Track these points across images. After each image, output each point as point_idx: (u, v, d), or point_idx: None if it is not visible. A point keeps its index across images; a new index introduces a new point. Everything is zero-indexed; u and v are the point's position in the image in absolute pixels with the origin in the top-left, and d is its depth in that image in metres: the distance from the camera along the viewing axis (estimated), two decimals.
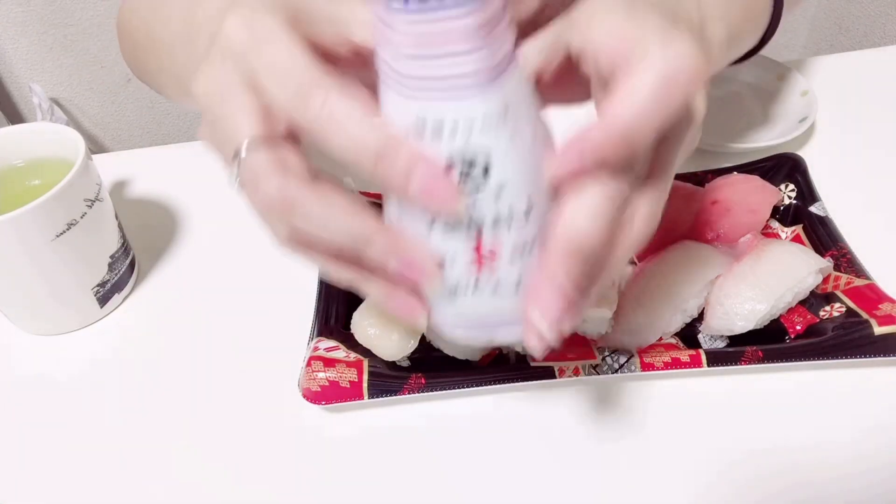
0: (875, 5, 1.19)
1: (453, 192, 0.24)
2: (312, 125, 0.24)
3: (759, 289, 0.40)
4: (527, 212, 0.25)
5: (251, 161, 0.25)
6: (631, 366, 0.38)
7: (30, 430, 0.41)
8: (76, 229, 0.42)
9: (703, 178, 0.49)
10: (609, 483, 0.36)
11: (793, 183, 0.48)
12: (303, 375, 0.39)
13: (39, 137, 0.46)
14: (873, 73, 0.61)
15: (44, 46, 1.20)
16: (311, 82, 0.24)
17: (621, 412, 0.39)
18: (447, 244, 0.26)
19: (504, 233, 0.25)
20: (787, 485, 0.35)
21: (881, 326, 0.38)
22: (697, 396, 0.39)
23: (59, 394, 0.43)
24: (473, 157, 0.24)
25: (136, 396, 0.43)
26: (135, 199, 0.56)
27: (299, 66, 0.24)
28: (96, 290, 0.46)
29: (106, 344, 0.46)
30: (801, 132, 0.52)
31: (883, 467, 0.35)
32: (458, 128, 0.23)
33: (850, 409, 0.37)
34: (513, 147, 0.24)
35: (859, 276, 0.41)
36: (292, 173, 0.25)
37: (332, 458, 0.38)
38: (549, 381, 0.38)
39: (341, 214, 0.25)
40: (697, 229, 0.45)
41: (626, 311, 0.41)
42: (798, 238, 0.45)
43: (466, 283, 0.27)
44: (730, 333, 0.40)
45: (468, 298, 0.27)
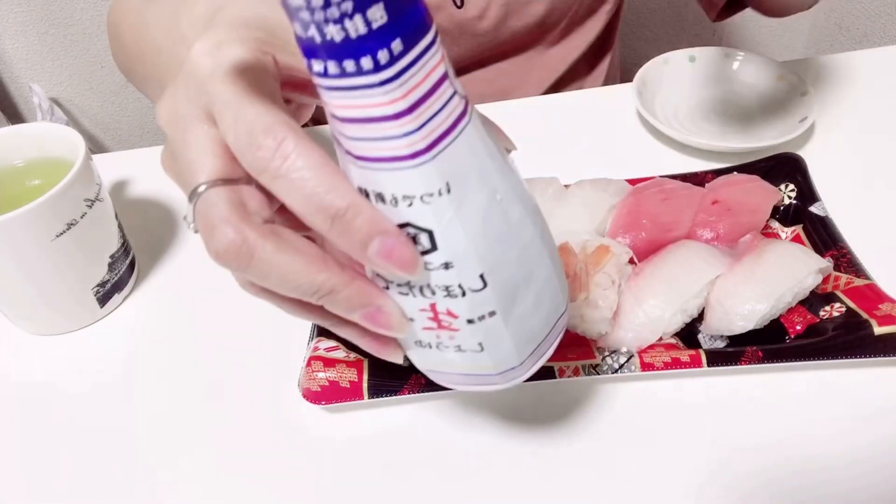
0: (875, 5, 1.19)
1: (412, 258, 0.22)
2: (260, 176, 0.22)
3: (759, 289, 0.40)
4: (480, 288, 0.24)
5: (207, 202, 0.23)
6: (631, 366, 0.38)
7: (30, 431, 0.41)
8: (76, 229, 0.42)
9: (703, 178, 0.49)
10: (609, 483, 0.36)
11: (793, 183, 0.48)
12: (303, 375, 0.39)
13: (39, 137, 0.46)
14: (873, 73, 0.62)
15: (44, 46, 1.20)
16: (264, 130, 0.22)
17: (621, 412, 0.39)
18: (405, 303, 0.25)
19: (458, 302, 0.24)
20: (787, 484, 0.35)
21: (881, 326, 0.38)
22: (697, 396, 0.39)
23: (59, 394, 0.43)
24: (416, 233, 0.23)
25: (136, 396, 0.43)
26: (135, 199, 0.56)
27: (254, 111, 0.22)
28: (96, 290, 0.46)
29: (106, 344, 0.46)
30: (801, 132, 0.52)
31: (883, 467, 0.35)
32: (399, 201, 0.22)
33: (850, 409, 0.37)
34: (459, 223, 0.23)
35: (859, 276, 0.41)
36: (250, 219, 0.23)
37: (332, 458, 0.38)
38: (549, 380, 0.38)
39: (302, 266, 0.23)
40: (697, 229, 0.45)
41: (626, 311, 0.41)
42: (798, 238, 0.45)
43: (429, 341, 0.26)
44: (730, 333, 0.40)
45: (434, 353, 0.26)
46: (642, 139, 0.58)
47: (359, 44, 0.19)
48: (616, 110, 0.60)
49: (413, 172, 0.21)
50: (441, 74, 0.21)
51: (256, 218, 0.24)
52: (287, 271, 0.23)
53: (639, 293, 0.41)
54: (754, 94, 0.59)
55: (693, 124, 0.57)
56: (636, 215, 0.45)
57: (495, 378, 0.28)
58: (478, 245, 0.23)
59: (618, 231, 0.45)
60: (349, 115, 0.21)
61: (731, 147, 0.53)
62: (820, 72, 0.59)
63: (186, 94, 0.24)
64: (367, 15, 0.18)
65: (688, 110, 0.59)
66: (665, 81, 0.61)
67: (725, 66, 0.62)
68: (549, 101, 0.64)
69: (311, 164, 0.22)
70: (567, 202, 0.47)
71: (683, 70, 0.62)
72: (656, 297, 0.40)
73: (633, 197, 0.47)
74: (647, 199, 0.46)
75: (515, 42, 0.67)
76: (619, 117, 0.60)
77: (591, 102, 0.63)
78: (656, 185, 0.48)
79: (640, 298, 0.41)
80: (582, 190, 0.47)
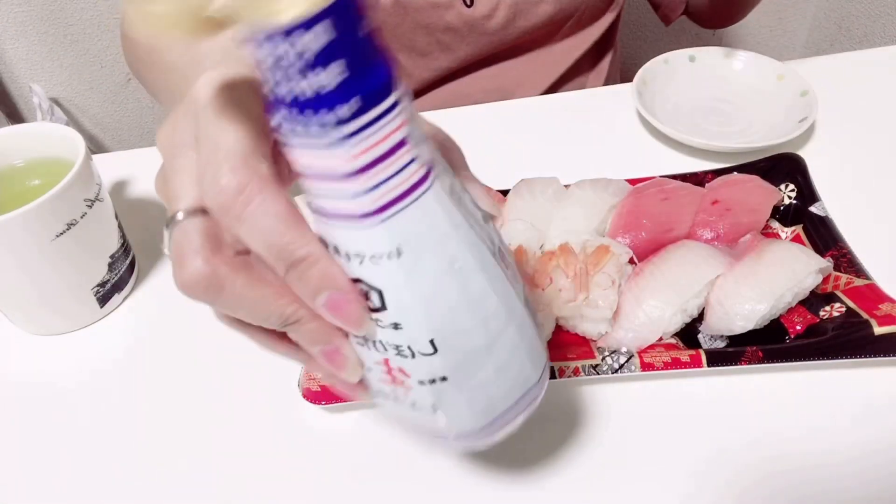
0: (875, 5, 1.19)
1: (358, 316, 0.23)
2: (222, 218, 0.22)
3: (759, 289, 0.40)
4: (430, 353, 0.24)
5: (182, 231, 0.23)
6: (631, 366, 0.38)
7: (30, 431, 0.41)
8: (76, 229, 0.42)
9: (703, 178, 0.49)
10: (609, 482, 0.36)
11: (793, 183, 0.48)
12: (303, 375, 0.39)
13: (39, 137, 0.46)
14: (873, 73, 0.62)
15: (44, 46, 1.20)
16: (231, 170, 0.22)
17: (621, 412, 0.39)
18: (362, 353, 0.25)
19: (408, 363, 0.24)
20: (787, 483, 0.35)
21: (881, 326, 0.38)
22: (697, 396, 0.39)
23: (59, 394, 0.43)
24: (367, 290, 0.23)
25: (136, 396, 0.43)
26: (135, 199, 0.56)
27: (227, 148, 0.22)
28: (96, 290, 0.46)
29: (106, 344, 0.46)
30: (801, 132, 0.52)
31: (883, 466, 0.35)
32: (350, 257, 0.22)
33: (850, 409, 0.37)
34: (408, 288, 0.22)
35: (859, 276, 0.41)
36: (222, 252, 0.23)
37: (332, 458, 0.38)
38: (549, 380, 0.38)
39: (271, 297, 0.23)
40: (697, 229, 0.45)
41: (626, 311, 0.41)
42: (798, 238, 0.45)
43: (386, 392, 0.26)
44: (730, 333, 0.40)
45: (391, 404, 0.26)
46: (642, 139, 0.58)
47: (312, 101, 0.19)
48: (616, 110, 0.60)
49: (362, 233, 0.21)
50: (399, 139, 0.21)
51: (229, 250, 0.24)
52: (256, 301, 0.24)
53: (639, 293, 0.41)
54: (754, 94, 0.59)
55: (693, 124, 0.57)
56: (636, 215, 0.46)
57: (451, 441, 0.27)
58: (428, 311, 0.23)
59: (618, 231, 0.45)
60: (304, 168, 0.21)
61: (731, 147, 0.53)
62: (820, 72, 0.59)
63: (185, 121, 0.24)
64: (322, 72, 0.18)
65: (688, 110, 0.59)
66: (665, 81, 0.61)
67: (725, 66, 0.62)
68: (550, 101, 0.64)
69: (273, 210, 0.22)
70: (567, 202, 0.47)
71: (683, 70, 0.62)
72: (656, 297, 0.40)
73: (633, 197, 0.47)
74: (647, 199, 0.46)
75: (521, 42, 0.68)
76: (619, 117, 0.60)
77: (591, 102, 0.63)
78: (656, 185, 0.48)
79: (640, 298, 0.41)
80: (582, 190, 0.47)
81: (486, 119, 0.62)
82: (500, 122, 0.61)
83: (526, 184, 0.49)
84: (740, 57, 0.61)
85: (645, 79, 0.59)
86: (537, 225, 0.45)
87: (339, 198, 0.21)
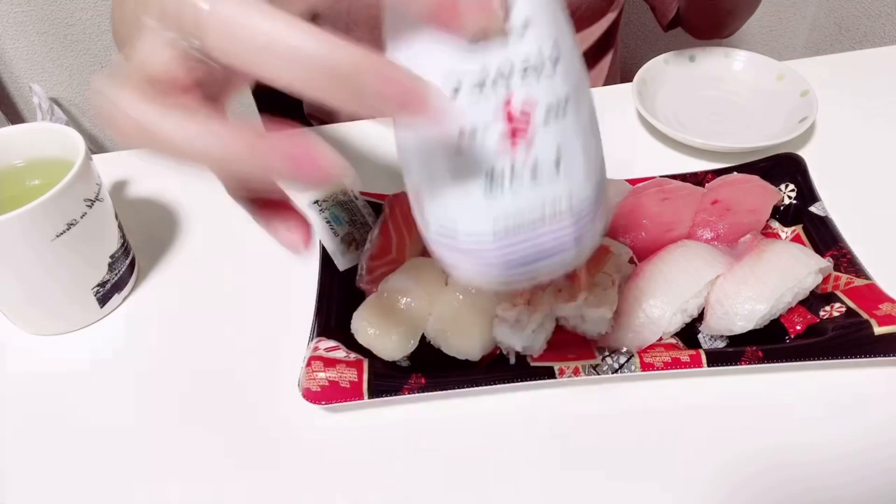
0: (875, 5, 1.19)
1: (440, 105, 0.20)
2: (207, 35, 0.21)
3: (759, 289, 0.40)
4: (555, 60, 0.22)
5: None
6: (631, 366, 0.38)
7: (30, 431, 0.41)
8: (76, 229, 0.42)
9: (703, 178, 0.49)
10: (609, 482, 0.36)
11: (793, 183, 0.48)
12: (303, 375, 0.39)
13: (39, 137, 0.46)
14: (873, 73, 0.62)
15: (44, 46, 1.20)
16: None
17: (621, 412, 0.39)
18: (473, 112, 0.22)
19: (534, 84, 0.22)
20: (787, 483, 0.35)
21: (881, 326, 0.38)
22: (697, 396, 0.39)
23: (60, 394, 0.43)
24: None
25: (137, 396, 0.43)
26: (135, 199, 0.56)
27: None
28: (96, 290, 0.46)
29: (106, 344, 0.46)
30: (801, 132, 0.52)
31: (883, 466, 0.35)
32: None
33: (850, 409, 0.37)
34: None
35: (859, 276, 0.41)
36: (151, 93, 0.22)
37: (332, 458, 0.38)
38: (548, 380, 0.38)
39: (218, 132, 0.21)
40: (697, 229, 0.45)
41: (626, 311, 0.41)
42: (798, 238, 0.45)
43: (502, 170, 0.22)
44: (730, 333, 0.40)
45: (505, 195, 0.23)
46: (642, 139, 0.58)
47: None
48: (616, 110, 0.60)
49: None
50: None
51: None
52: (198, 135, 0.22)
53: (639, 293, 0.41)
54: (754, 94, 0.59)
55: (693, 124, 0.57)
56: (636, 215, 0.46)
57: (569, 232, 0.24)
58: (549, 6, 0.22)
59: (618, 231, 0.45)
60: None
61: (731, 147, 0.53)
62: (820, 72, 0.59)
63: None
64: None
65: (688, 110, 0.59)
66: (665, 81, 0.61)
67: (725, 66, 0.62)
68: None
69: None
70: None
71: (683, 70, 0.62)
72: (656, 297, 0.40)
73: (633, 197, 0.47)
74: (647, 199, 0.46)
75: None
76: (619, 117, 0.60)
77: None
78: (656, 185, 0.48)
79: (640, 298, 0.41)
80: None
81: None
82: None
83: None
84: (740, 57, 0.61)
85: (645, 79, 0.59)
86: None
87: None
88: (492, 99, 0.22)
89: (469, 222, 0.24)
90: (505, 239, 0.24)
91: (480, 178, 0.22)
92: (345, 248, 0.47)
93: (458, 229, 0.24)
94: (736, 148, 0.53)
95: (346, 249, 0.47)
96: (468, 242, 0.24)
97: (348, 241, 0.47)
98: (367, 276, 0.45)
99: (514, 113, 0.22)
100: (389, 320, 0.41)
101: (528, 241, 0.24)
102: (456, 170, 0.23)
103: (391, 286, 0.42)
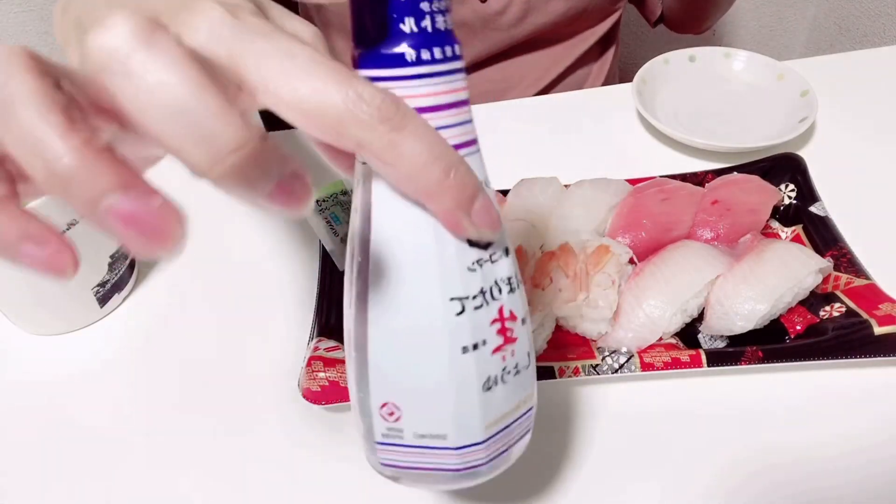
0: (875, 5, 1.19)
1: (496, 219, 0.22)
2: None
3: (759, 289, 0.40)
4: (518, 282, 0.25)
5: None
6: (631, 366, 0.38)
7: (30, 431, 0.41)
8: (76, 229, 0.42)
9: (703, 178, 0.49)
10: (609, 482, 0.36)
11: (793, 183, 0.48)
12: (303, 375, 0.39)
13: None
14: (873, 73, 0.62)
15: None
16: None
17: (621, 412, 0.39)
18: (479, 320, 0.23)
19: (515, 298, 0.24)
20: (787, 483, 0.35)
21: (881, 326, 0.38)
22: (697, 396, 0.39)
23: (59, 394, 0.43)
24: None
25: (136, 396, 0.43)
26: None
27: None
28: (96, 290, 0.46)
29: (106, 344, 0.46)
30: (801, 132, 0.52)
31: (883, 466, 0.35)
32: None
33: (850, 409, 0.37)
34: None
35: (859, 276, 0.41)
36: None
37: (332, 458, 0.38)
38: (549, 380, 0.38)
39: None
40: (697, 229, 0.45)
41: (626, 311, 0.41)
42: (798, 238, 0.46)
43: (496, 372, 0.24)
44: (730, 333, 0.40)
45: (497, 394, 0.24)
46: (642, 139, 0.58)
47: (449, 35, 0.22)
48: (616, 110, 0.60)
49: (478, 157, 0.23)
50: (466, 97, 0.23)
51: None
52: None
53: (639, 293, 0.41)
54: (754, 94, 0.59)
55: (693, 124, 0.57)
56: (636, 215, 0.46)
57: (525, 419, 0.28)
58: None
59: (618, 231, 0.45)
60: (444, 100, 0.22)
61: (731, 147, 0.53)
62: (820, 72, 0.59)
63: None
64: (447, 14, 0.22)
65: (688, 110, 0.59)
66: (665, 81, 0.61)
67: (725, 66, 0.62)
68: (550, 101, 0.64)
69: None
70: (567, 202, 0.47)
71: (683, 70, 0.62)
72: (656, 297, 0.40)
73: (633, 197, 0.47)
74: (647, 199, 0.46)
75: (531, 38, 0.68)
76: (619, 117, 0.60)
77: (591, 102, 0.63)
78: (656, 185, 0.48)
79: (640, 298, 0.41)
80: (582, 190, 0.47)
81: (486, 119, 0.62)
82: (499, 121, 0.61)
83: (526, 184, 0.49)
84: (740, 57, 0.61)
85: (645, 79, 0.59)
86: (537, 225, 0.45)
87: (465, 124, 0.23)
88: (490, 308, 0.24)
89: (462, 423, 0.25)
90: (492, 435, 0.26)
91: (479, 380, 0.24)
92: (345, 247, 0.47)
93: (448, 432, 0.25)
94: (736, 148, 0.53)
95: (346, 249, 0.47)
96: (459, 442, 0.25)
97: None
98: None
99: (505, 322, 0.24)
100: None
101: (506, 434, 0.27)
102: (456, 375, 0.24)
103: None
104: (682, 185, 0.48)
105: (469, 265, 0.23)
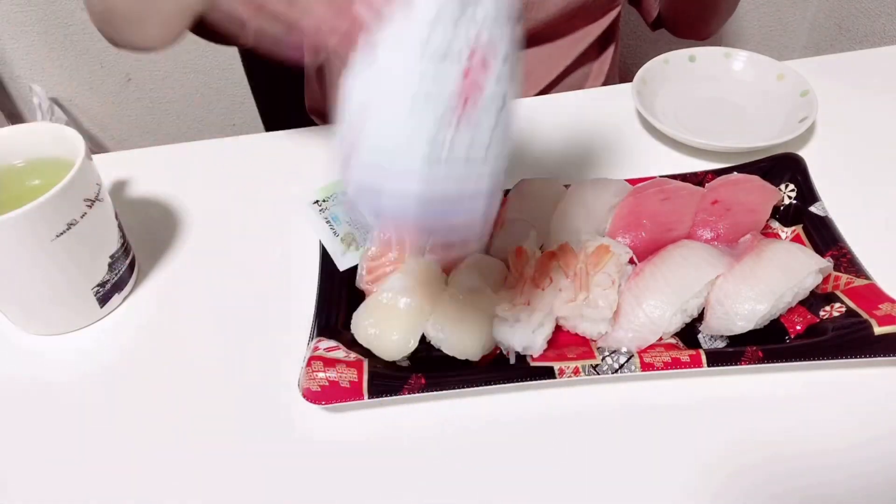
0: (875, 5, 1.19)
1: None
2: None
3: (759, 289, 0.40)
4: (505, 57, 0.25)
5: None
6: (631, 366, 0.38)
7: (30, 430, 0.41)
8: (76, 229, 0.42)
9: (703, 178, 0.49)
10: (609, 482, 0.36)
11: (793, 183, 0.48)
12: (303, 375, 0.39)
13: (39, 137, 0.46)
14: (873, 73, 0.61)
15: (44, 46, 1.20)
16: None
17: (621, 412, 0.39)
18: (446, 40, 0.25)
19: (499, 33, 0.25)
20: (786, 482, 0.35)
21: (881, 326, 0.38)
22: (697, 396, 0.39)
23: (59, 394, 0.43)
24: None
25: (136, 396, 0.43)
26: (135, 199, 0.56)
27: None
28: (96, 290, 0.46)
29: (106, 344, 0.46)
30: (801, 132, 0.52)
31: (883, 465, 0.35)
32: None
33: (850, 409, 0.37)
34: None
35: (859, 276, 0.41)
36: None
37: (331, 458, 0.38)
38: (549, 380, 0.38)
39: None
40: (697, 229, 0.45)
41: (626, 311, 0.41)
42: (798, 238, 0.45)
43: (453, 106, 0.25)
44: (730, 333, 0.40)
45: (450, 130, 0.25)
46: (642, 139, 0.58)
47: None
48: (616, 110, 0.60)
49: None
50: None
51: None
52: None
53: (639, 293, 0.41)
54: (754, 94, 0.59)
55: (693, 124, 0.57)
56: (636, 215, 0.46)
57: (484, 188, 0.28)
58: None
59: (618, 231, 0.45)
60: None
61: (732, 147, 0.53)
62: (820, 72, 0.59)
63: None
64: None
65: (688, 110, 0.59)
66: (665, 81, 0.61)
67: (725, 66, 0.62)
68: (550, 101, 0.64)
69: None
70: (567, 202, 0.47)
71: (683, 70, 0.62)
72: (656, 297, 0.40)
73: (633, 197, 0.47)
74: (647, 199, 0.46)
75: (530, 35, 0.68)
76: (619, 117, 0.60)
77: (591, 102, 0.63)
78: (656, 185, 0.48)
79: (640, 298, 0.41)
80: (582, 190, 0.47)
81: None
82: None
83: (526, 184, 0.49)
84: (740, 57, 0.61)
85: (645, 79, 0.59)
86: (537, 225, 0.45)
87: None
88: (462, 34, 0.24)
89: (407, 145, 0.25)
90: (434, 168, 0.25)
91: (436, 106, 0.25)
92: (345, 248, 0.47)
93: (395, 152, 0.25)
94: (736, 148, 0.53)
95: (346, 249, 0.47)
96: (400, 165, 0.26)
97: (348, 241, 0.47)
98: (367, 276, 0.45)
99: (475, 55, 0.24)
100: (389, 320, 0.41)
101: (450, 178, 0.26)
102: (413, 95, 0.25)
103: (391, 286, 0.42)
104: (682, 185, 0.48)
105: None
